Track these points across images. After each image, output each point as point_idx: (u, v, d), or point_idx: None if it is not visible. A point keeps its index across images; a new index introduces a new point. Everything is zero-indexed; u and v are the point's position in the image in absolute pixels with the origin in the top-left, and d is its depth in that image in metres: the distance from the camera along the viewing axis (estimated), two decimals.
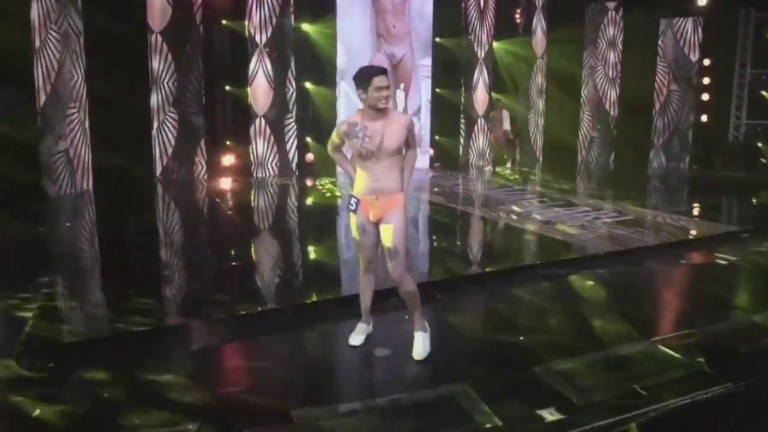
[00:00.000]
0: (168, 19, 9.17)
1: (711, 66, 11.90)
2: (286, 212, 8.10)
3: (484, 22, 11.88)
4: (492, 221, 7.04)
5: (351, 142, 3.14)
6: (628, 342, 3.46)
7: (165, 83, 9.35)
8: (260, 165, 10.24)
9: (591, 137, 13.18)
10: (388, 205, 3.16)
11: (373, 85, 3.05)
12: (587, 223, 6.59)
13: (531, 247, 6.00)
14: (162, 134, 9.49)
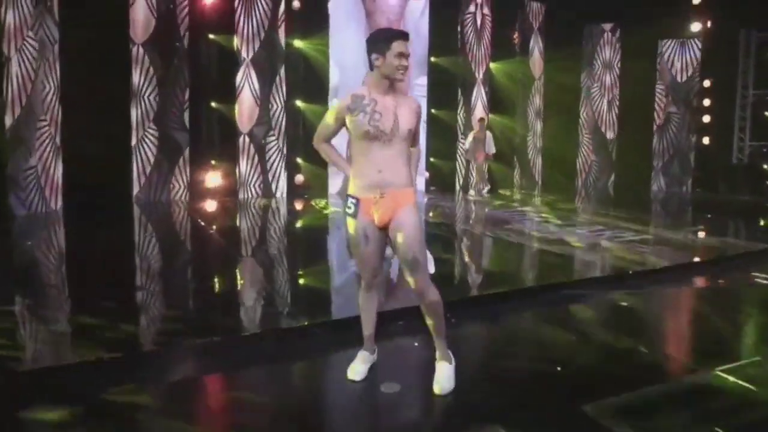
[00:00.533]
0: (151, 31, 8.68)
1: (711, 87, 11.66)
2: (268, 235, 7.42)
3: (481, 41, 11.59)
4: (504, 240, 6.44)
5: (354, 119, 2.53)
6: (694, 371, 2.86)
7: (146, 97, 8.79)
8: (243, 185, 9.63)
9: (591, 160, 12.82)
10: (397, 203, 2.56)
11: (392, 50, 2.49)
12: (607, 241, 6.08)
13: (558, 264, 5.38)
14: (141, 151, 8.87)
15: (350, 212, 2.62)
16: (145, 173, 8.91)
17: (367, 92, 2.57)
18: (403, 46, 2.51)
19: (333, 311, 3.92)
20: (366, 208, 2.58)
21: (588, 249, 5.77)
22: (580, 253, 5.65)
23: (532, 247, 6.11)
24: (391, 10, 10.52)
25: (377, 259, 2.71)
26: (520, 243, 6.28)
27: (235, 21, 9.24)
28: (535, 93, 12.46)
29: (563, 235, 6.42)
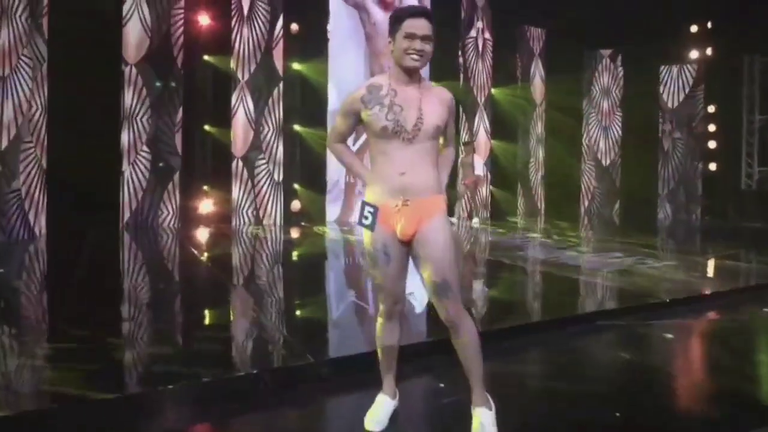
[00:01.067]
0: (145, 51, 8.39)
1: (716, 113, 11.49)
2: (260, 264, 6.94)
3: (482, 66, 11.42)
4: (523, 268, 6.01)
5: (370, 113, 2.13)
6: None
7: (138, 119, 8.44)
8: (235, 212, 9.20)
9: (593, 186, 12.55)
10: (424, 213, 2.15)
11: (402, 30, 2.11)
12: (637, 267, 5.69)
13: (590, 292, 4.94)
14: (133, 175, 8.47)
15: (367, 223, 2.18)
16: (137, 198, 8.48)
17: (386, 81, 2.18)
18: (417, 25, 2.10)
19: (339, 347, 3.46)
20: (386, 217, 2.17)
21: (624, 275, 5.34)
22: (619, 279, 5.22)
23: (564, 275, 5.65)
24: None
25: (400, 281, 2.28)
26: (548, 271, 5.82)
27: (232, 42, 8.97)
28: (537, 119, 12.25)
29: (591, 263, 6.02)
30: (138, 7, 8.32)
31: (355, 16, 9.99)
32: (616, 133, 12.28)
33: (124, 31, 8.26)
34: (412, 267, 2.30)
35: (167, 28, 8.47)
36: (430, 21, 2.14)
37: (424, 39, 2.12)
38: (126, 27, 8.27)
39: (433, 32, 2.15)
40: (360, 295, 4.84)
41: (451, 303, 2.16)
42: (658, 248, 7.73)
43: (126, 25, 8.27)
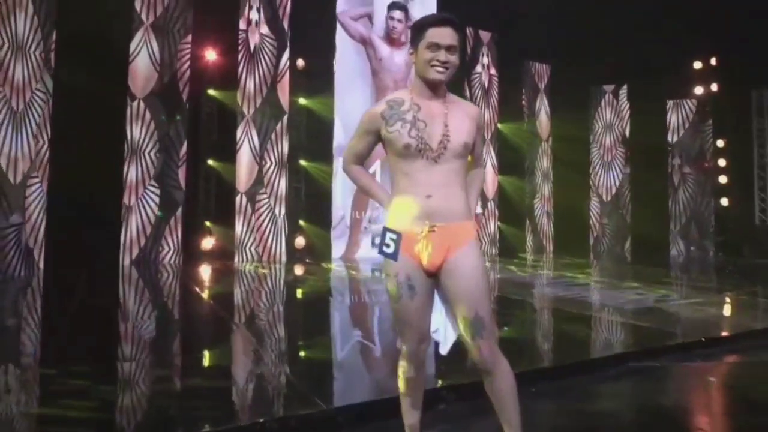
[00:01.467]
0: (153, 85, 8.33)
1: (725, 147, 11.38)
2: (262, 303, 6.63)
3: (489, 101, 11.40)
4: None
5: (391, 131, 1.94)
6: None
7: (146, 153, 8.31)
8: (238, 248, 8.96)
9: (602, 223, 12.33)
10: (454, 240, 1.93)
11: (425, 40, 1.92)
12: (662, 304, 5.39)
13: (618, 331, 4.62)
14: (140, 210, 8.27)
15: (389, 251, 1.93)
16: (145, 233, 8.25)
17: (407, 96, 1.99)
18: (441, 34, 1.91)
19: (348, 391, 3.17)
20: (409, 245, 1.93)
21: (650, 313, 5.03)
22: (646, 317, 4.91)
23: (585, 314, 5.31)
24: (398, 69, 10.35)
25: (425, 317, 2.02)
26: (567, 309, 5.50)
27: (238, 77, 8.93)
28: (542, 154, 12.15)
29: (611, 300, 5.71)
30: (147, 42, 8.32)
31: (361, 52, 10.01)
32: (619, 168, 12.16)
33: (133, 66, 8.22)
34: (437, 301, 2.06)
35: (174, 62, 8.46)
36: (456, 30, 1.96)
37: (449, 49, 1.93)
38: (134, 61, 8.24)
39: (460, 42, 1.98)
40: (366, 335, 4.57)
41: (485, 342, 1.91)
42: (676, 285, 7.45)
43: (134, 60, 8.25)
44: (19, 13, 7.02)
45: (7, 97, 6.95)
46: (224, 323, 4.86)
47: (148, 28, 8.33)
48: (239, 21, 8.94)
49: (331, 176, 9.69)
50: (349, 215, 9.85)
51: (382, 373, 3.36)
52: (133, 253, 8.17)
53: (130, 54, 8.19)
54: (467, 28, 11.23)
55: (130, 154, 8.22)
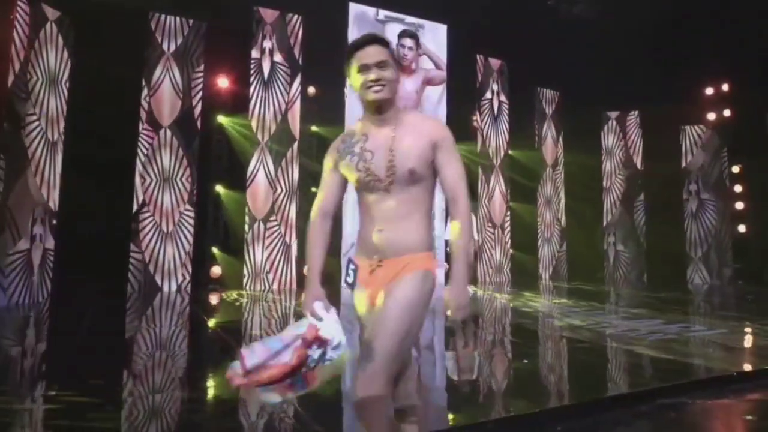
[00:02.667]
0: (178, 113, 8.36)
1: (741, 173, 11.21)
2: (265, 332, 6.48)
3: (498, 129, 11.35)
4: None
5: (345, 165, 1.87)
6: None
7: (179, 180, 8.33)
8: (257, 276, 8.84)
9: (617, 251, 12.11)
10: (402, 271, 1.79)
11: (354, 65, 1.83)
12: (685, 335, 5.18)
13: (642, 365, 4.38)
14: (180, 234, 8.25)
15: (349, 281, 1.91)
16: (190, 258, 8.18)
17: (359, 126, 1.90)
18: (368, 54, 1.82)
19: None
20: (362, 279, 1.85)
21: (674, 343, 4.81)
22: (671, 348, 4.69)
23: (605, 345, 5.08)
24: (408, 96, 10.33)
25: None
26: (585, 340, 5.28)
27: (251, 105, 8.95)
28: (546, 180, 11.97)
29: (632, 330, 5.52)
30: (169, 71, 8.38)
31: None
32: (617, 193, 12.03)
33: (157, 95, 8.26)
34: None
35: (190, 90, 8.52)
36: (382, 45, 1.85)
37: (380, 66, 1.82)
38: (159, 90, 8.28)
39: (392, 56, 1.87)
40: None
41: (362, 374, 1.71)
42: (697, 313, 7.20)
43: (158, 89, 8.28)
44: (51, 48, 7.14)
45: (43, 128, 7.02)
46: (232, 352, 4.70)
47: (169, 58, 8.41)
48: (252, 50, 9.01)
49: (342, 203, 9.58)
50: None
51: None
52: (178, 279, 8.10)
53: (153, 83, 8.25)
54: (478, 55, 11.30)
55: (162, 181, 8.21)
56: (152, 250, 8.06)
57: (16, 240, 6.77)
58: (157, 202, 8.15)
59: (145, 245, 8.05)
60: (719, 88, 12.05)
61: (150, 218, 8.11)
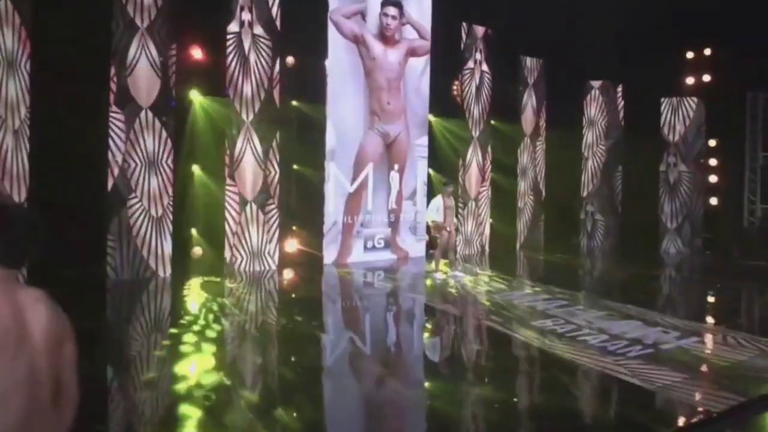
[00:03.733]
0: (157, 92, 7.90)
1: (718, 147, 11.38)
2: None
3: (479, 98, 11.15)
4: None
5: None
6: None
7: (164, 163, 8.00)
8: (256, 257, 8.80)
9: (594, 220, 12.36)
10: None
11: None
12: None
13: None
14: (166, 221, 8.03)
15: None
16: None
17: None
18: None
19: None
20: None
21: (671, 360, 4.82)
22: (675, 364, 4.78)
23: (603, 366, 4.73)
24: (391, 68, 10.01)
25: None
26: (577, 362, 5.42)
27: (234, 83, 8.52)
28: (524, 150, 11.94)
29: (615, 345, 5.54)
30: (145, 47, 7.85)
31: (353, 51, 9.63)
32: (598, 163, 12.15)
33: (135, 74, 7.76)
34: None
35: (168, 67, 8.03)
36: None
37: None
38: (136, 70, 7.78)
39: None
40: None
41: None
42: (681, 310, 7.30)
43: (136, 68, 7.78)
44: (7, 28, 6.57)
45: (2, 117, 6.57)
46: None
47: (144, 34, 7.86)
48: (230, 23, 8.48)
49: (322, 182, 9.45)
50: (341, 220, 9.67)
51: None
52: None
53: (129, 62, 7.74)
54: (463, 23, 10.91)
55: (147, 166, 7.89)
56: (143, 236, 7.86)
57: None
58: (144, 188, 7.87)
59: (136, 232, 7.84)
60: (701, 53, 12.02)
61: (138, 204, 7.85)
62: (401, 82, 10.15)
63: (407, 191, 10.38)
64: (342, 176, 9.64)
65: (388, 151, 10.09)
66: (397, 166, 10.22)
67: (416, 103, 10.41)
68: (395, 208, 10.27)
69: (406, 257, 10.35)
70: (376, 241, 10.09)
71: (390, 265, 9.77)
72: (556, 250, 11.59)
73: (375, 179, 9.98)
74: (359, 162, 9.80)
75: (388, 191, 10.17)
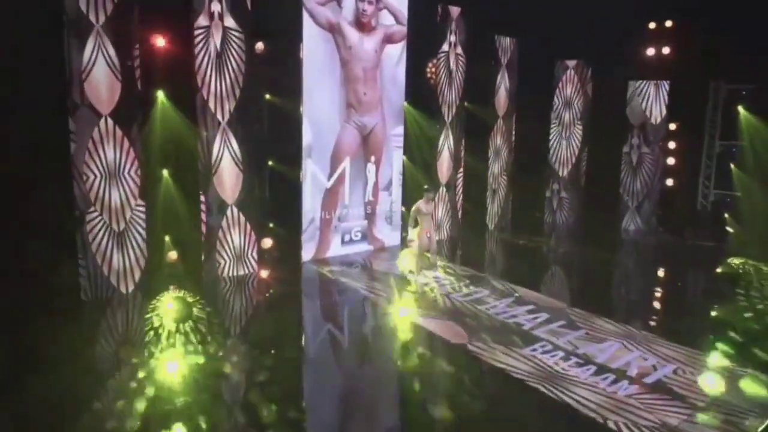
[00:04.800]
0: (118, 97, 7.27)
1: (678, 131, 11.82)
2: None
3: (452, 82, 10.95)
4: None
5: None
6: None
7: (127, 174, 7.49)
8: (239, 259, 8.61)
9: (560, 197, 12.78)
10: None
11: None
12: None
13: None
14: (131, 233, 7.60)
15: None
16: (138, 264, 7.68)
17: None
18: None
19: None
20: None
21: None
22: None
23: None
24: (368, 57, 9.60)
25: None
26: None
27: (204, 79, 7.95)
28: (497, 131, 12.01)
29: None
30: (102, 48, 7.11)
31: (330, 41, 9.13)
32: (576, 144, 12.43)
33: (90, 79, 7.07)
34: None
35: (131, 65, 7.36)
36: None
37: None
38: (92, 74, 7.08)
39: None
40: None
41: None
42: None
43: (91, 72, 7.07)
44: None
45: None
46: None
47: (99, 31, 7.09)
48: (199, 16, 7.79)
49: (299, 177, 9.20)
50: (319, 216, 9.55)
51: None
52: (135, 278, 7.64)
53: (84, 65, 7.02)
54: (439, 5, 10.48)
55: (108, 177, 7.37)
56: (103, 252, 7.48)
57: None
58: (104, 201, 7.41)
59: (96, 248, 7.45)
60: (662, 24, 12.17)
61: (99, 218, 7.41)
62: (378, 72, 9.79)
63: (383, 182, 10.30)
64: (319, 172, 9.42)
65: (364, 144, 9.88)
66: (374, 158, 10.06)
67: (392, 92, 10.12)
68: (371, 200, 10.20)
69: (382, 247, 10.43)
70: (353, 234, 10.07)
71: (366, 257, 9.85)
72: (523, 229, 11.99)
73: (351, 172, 9.81)
74: (336, 156, 9.57)
75: (364, 184, 10.05)
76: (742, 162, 10.67)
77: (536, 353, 6.05)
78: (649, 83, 11.77)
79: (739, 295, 6.76)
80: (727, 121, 11.33)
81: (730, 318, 6.18)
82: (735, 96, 11.07)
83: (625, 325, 6.89)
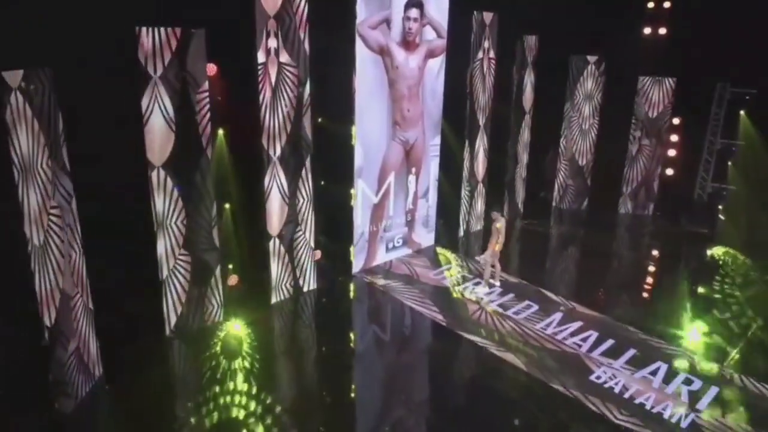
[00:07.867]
0: (171, 149, 7.23)
1: (680, 125, 12.66)
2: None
3: (485, 85, 11.19)
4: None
5: None
6: None
7: (173, 223, 7.55)
8: (275, 288, 8.96)
9: (566, 185, 13.61)
10: None
11: None
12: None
13: None
14: (172, 282, 7.79)
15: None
16: (181, 302, 7.92)
17: None
18: None
19: None
20: None
21: None
22: None
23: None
24: (412, 74, 9.67)
25: None
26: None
27: (261, 118, 7.94)
28: (525, 127, 12.54)
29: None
30: (158, 99, 6.99)
31: (379, 63, 9.13)
32: (594, 136, 13.12)
33: (147, 130, 6.99)
34: None
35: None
36: None
37: None
38: (148, 125, 6.99)
39: None
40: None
41: None
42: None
43: (147, 123, 6.98)
44: None
45: None
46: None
47: (157, 82, 6.92)
48: (257, 53, 7.64)
49: (352, 197, 9.53)
50: (368, 230, 9.98)
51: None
52: (171, 322, 7.93)
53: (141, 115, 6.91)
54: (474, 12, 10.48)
55: (156, 227, 7.44)
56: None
57: (66, 345, 6.27)
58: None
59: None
60: (660, 3, 12.68)
61: None
62: (420, 88, 9.91)
63: (422, 190, 10.72)
64: (368, 189, 9.73)
65: (406, 157, 10.17)
66: (414, 170, 10.41)
67: (431, 105, 10.30)
68: (411, 208, 10.66)
69: (419, 249, 11.04)
70: (395, 241, 10.59)
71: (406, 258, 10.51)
72: (533, 215, 12.89)
73: (395, 185, 10.17)
74: (383, 172, 9.87)
75: (406, 194, 10.45)
76: (738, 161, 11.74)
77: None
78: (653, 79, 12.41)
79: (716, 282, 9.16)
80: (729, 122, 12.24)
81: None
82: (739, 98, 11.90)
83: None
